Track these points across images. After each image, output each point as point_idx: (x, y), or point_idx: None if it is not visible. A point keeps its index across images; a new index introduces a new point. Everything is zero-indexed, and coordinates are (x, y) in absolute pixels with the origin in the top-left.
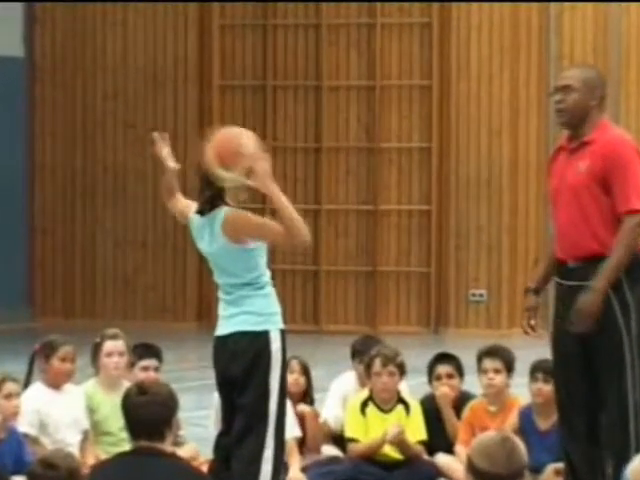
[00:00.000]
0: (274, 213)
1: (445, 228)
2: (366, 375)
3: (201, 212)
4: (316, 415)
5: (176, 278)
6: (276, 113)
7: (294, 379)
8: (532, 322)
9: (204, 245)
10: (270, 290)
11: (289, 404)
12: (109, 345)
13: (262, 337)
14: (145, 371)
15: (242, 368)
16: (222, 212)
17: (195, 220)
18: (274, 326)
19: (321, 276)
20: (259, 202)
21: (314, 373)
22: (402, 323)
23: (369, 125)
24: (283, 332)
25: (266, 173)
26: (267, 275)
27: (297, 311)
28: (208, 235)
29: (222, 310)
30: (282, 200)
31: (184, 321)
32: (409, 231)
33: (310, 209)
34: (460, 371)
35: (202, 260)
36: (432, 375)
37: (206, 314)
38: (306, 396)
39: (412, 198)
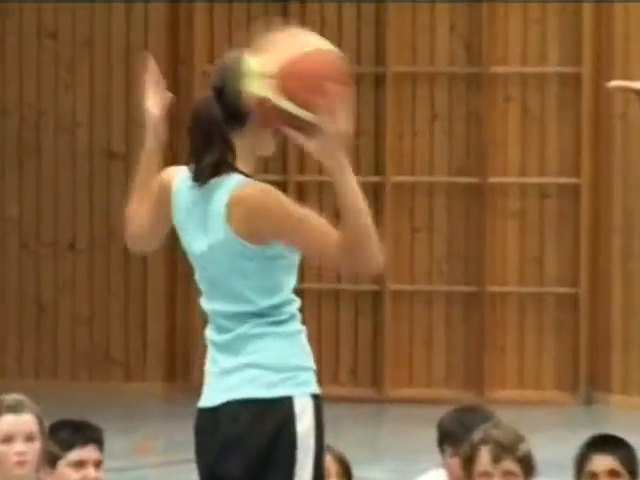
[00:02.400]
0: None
1: (606, 215)
2: (465, 475)
3: (196, 179)
4: None
5: (130, 306)
6: None
7: None
8: None
9: (192, 239)
10: (298, 328)
11: None
12: (7, 423)
13: (281, 409)
14: (78, 469)
15: (246, 463)
16: (230, 183)
17: (182, 194)
18: (303, 389)
19: (385, 302)
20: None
21: (370, 472)
22: (528, 385)
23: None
24: (318, 400)
25: (343, 139)
26: (295, 303)
27: (343, 363)
28: (199, 221)
29: (212, 362)
30: (355, 191)
31: (143, 381)
32: (541, 224)
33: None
34: (630, 465)
35: (178, 275)
36: (582, 473)
37: (181, 370)
38: None
39: (550, 167)
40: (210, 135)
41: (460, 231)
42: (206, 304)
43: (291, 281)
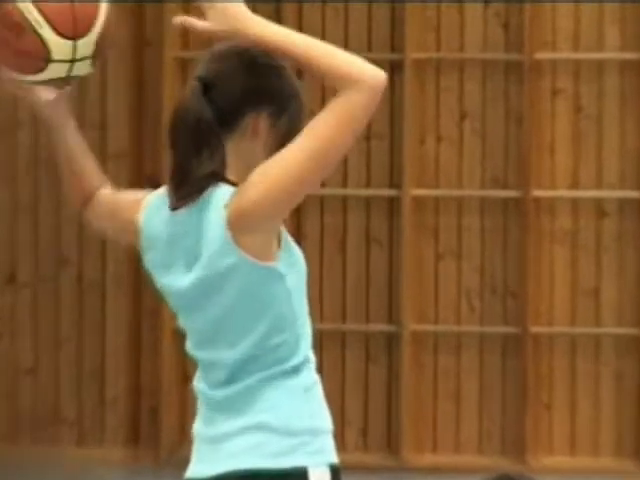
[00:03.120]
0: None
1: None
2: None
3: (183, 197)
4: None
5: (85, 353)
6: None
7: None
8: None
9: (177, 274)
10: (314, 377)
11: None
12: None
13: None
14: None
15: None
16: (220, 194)
17: (158, 222)
18: (319, 458)
19: (402, 346)
20: None
21: None
22: (581, 451)
23: None
24: (336, 471)
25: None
26: (308, 340)
27: (351, 421)
28: (188, 249)
29: (208, 423)
30: (300, 40)
31: (100, 445)
32: (597, 249)
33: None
34: None
35: (143, 314)
36: None
37: (147, 432)
38: None
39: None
40: (201, 140)
41: (496, 257)
42: (200, 351)
43: (304, 310)
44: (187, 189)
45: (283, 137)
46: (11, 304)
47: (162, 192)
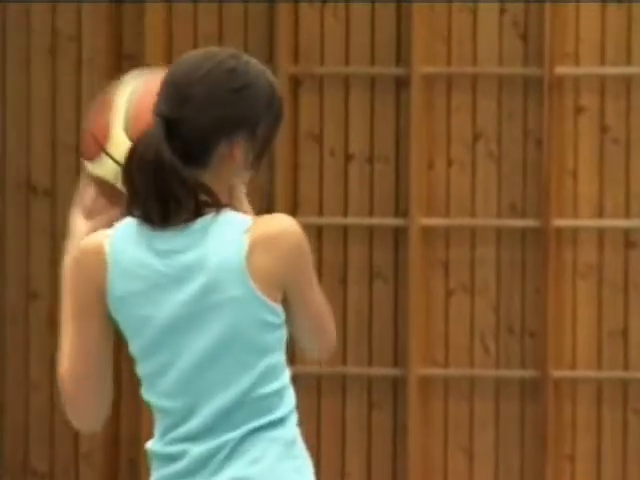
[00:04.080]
0: None
1: None
2: None
3: (162, 221)
4: None
5: (57, 398)
6: None
7: None
8: None
9: (155, 307)
10: (297, 429)
11: None
12: None
13: None
14: None
15: None
16: (236, 220)
17: (129, 255)
18: None
19: (409, 391)
20: None
21: None
22: None
23: None
24: None
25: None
26: (292, 391)
27: (352, 474)
28: (173, 280)
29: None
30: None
31: None
32: (624, 284)
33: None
34: None
35: (123, 359)
36: None
37: None
38: None
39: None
40: (164, 187)
41: (513, 293)
42: (169, 401)
43: (284, 358)
44: (169, 214)
45: (261, 148)
46: None
47: (123, 227)
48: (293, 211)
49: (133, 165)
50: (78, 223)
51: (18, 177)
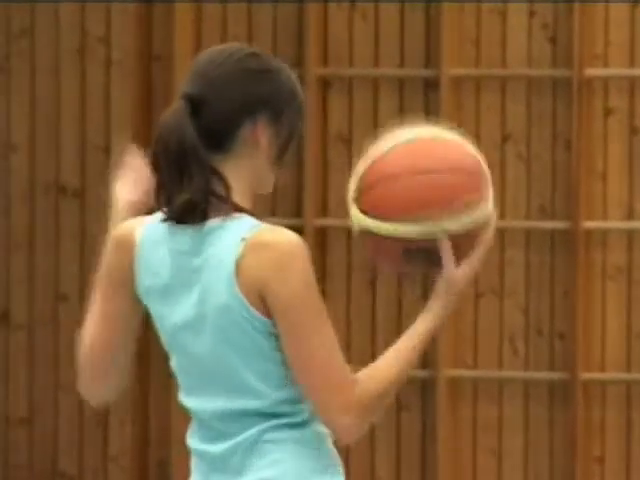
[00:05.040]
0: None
1: None
2: None
3: (180, 220)
4: None
5: (86, 401)
6: None
7: None
8: None
9: (172, 307)
10: (321, 430)
11: None
12: None
13: None
14: None
15: None
16: (239, 225)
17: (151, 249)
18: None
19: (437, 393)
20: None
21: None
22: None
23: None
24: None
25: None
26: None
27: (380, 476)
28: (185, 280)
29: None
30: (423, 342)
31: None
32: None
33: None
34: None
35: (152, 359)
36: None
37: None
38: None
39: None
40: (183, 166)
41: (542, 296)
42: (191, 400)
43: None
44: (182, 212)
45: (285, 141)
46: (4, 346)
47: (150, 223)
48: (322, 213)
49: (159, 149)
50: (119, 195)
51: (47, 178)
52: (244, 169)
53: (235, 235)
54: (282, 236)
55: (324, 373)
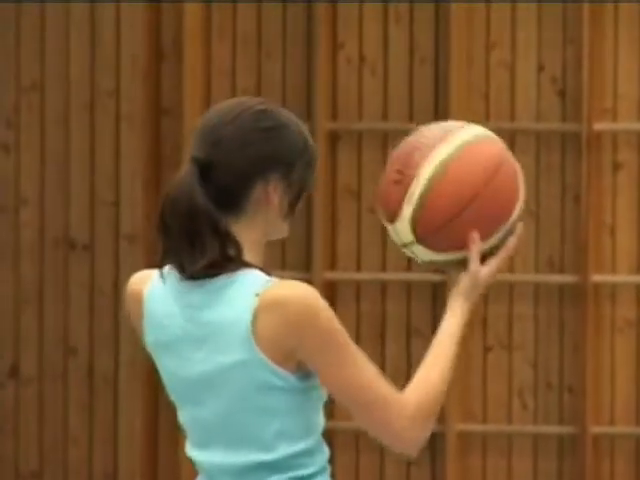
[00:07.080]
0: None
1: None
2: None
3: (190, 277)
4: None
5: (95, 455)
6: None
7: None
8: None
9: (181, 362)
10: None
11: None
12: None
13: None
14: None
15: None
16: (250, 281)
17: (159, 303)
18: None
19: (447, 449)
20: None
21: None
22: None
23: None
24: None
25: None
26: (325, 452)
27: None
28: (195, 336)
29: None
30: (457, 342)
31: None
32: None
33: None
34: None
35: (160, 411)
36: None
37: None
38: None
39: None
40: (195, 232)
41: (551, 349)
42: (200, 454)
43: (322, 420)
44: (193, 271)
45: (296, 195)
46: (14, 400)
47: (157, 277)
48: (331, 266)
49: (166, 211)
50: None
51: (57, 232)
52: (256, 226)
53: (247, 291)
54: (296, 290)
55: (374, 394)
